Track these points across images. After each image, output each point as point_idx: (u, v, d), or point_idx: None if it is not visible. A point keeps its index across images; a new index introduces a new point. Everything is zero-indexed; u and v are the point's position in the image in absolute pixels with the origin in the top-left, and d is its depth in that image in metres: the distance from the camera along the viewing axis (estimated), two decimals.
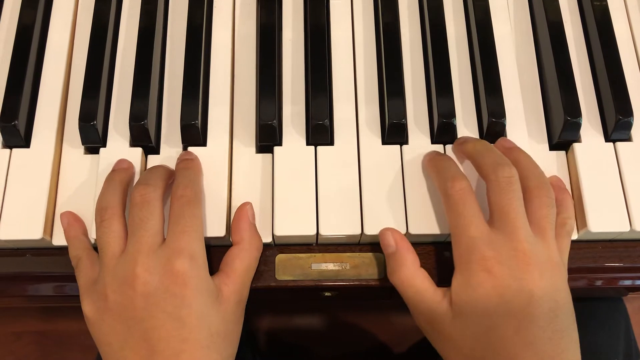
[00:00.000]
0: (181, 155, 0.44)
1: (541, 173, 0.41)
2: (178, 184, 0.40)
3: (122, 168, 0.43)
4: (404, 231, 0.42)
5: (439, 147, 0.45)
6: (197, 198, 0.40)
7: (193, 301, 0.37)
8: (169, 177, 0.42)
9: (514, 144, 0.44)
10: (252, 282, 0.43)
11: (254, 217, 0.43)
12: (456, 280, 0.38)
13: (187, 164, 0.42)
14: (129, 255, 0.38)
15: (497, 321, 0.37)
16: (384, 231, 0.42)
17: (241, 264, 0.40)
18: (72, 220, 0.42)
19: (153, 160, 0.45)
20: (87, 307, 0.38)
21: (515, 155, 0.42)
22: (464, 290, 0.38)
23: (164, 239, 0.39)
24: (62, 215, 0.43)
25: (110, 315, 0.37)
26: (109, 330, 0.38)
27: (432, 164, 0.43)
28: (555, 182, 0.44)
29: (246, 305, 0.42)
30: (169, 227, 0.39)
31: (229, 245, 0.42)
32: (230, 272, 0.40)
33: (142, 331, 0.37)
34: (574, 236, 0.44)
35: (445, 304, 0.39)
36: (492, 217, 0.39)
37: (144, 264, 0.37)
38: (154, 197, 0.39)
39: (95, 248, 0.41)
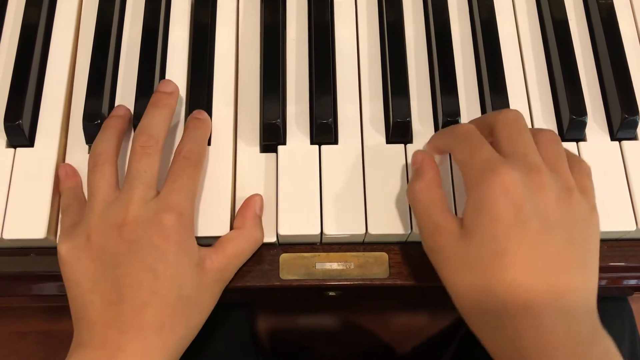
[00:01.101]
0: (194, 112, 0.44)
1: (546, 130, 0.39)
2: (184, 143, 0.41)
3: (118, 115, 0.43)
4: (407, 232, 0.42)
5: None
6: (199, 161, 0.41)
7: (172, 257, 0.37)
8: (171, 119, 0.43)
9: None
10: (256, 281, 0.43)
11: (262, 210, 0.43)
12: (469, 201, 0.36)
13: (198, 124, 0.43)
14: (121, 202, 0.38)
15: (510, 244, 0.34)
16: (416, 152, 0.42)
17: (233, 247, 0.40)
18: (71, 173, 0.43)
19: None
20: (65, 245, 0.38)
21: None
22: (476, 212, 0.35)
23: (157, 192, 0.39)
24: (60, 166, 0.43)
25: (87, 255, 0.38)
26: (83, 270, 0.38)
27: (434, 137, 0.42)
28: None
29: (250, 305, 0.42)
30: (166, 182, 0.39)
31: None
32: (220, 250, 0.40)
33: (116, 276, 0.37)
34: None
35: (453, 222, 0.36)
36: (502, 147, 0.37)
37: (134, 212, 0.38)
38: (155, 150, 0.40)
39: None
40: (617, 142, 0.45)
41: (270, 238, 0.43)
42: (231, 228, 0.42)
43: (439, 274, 0.38)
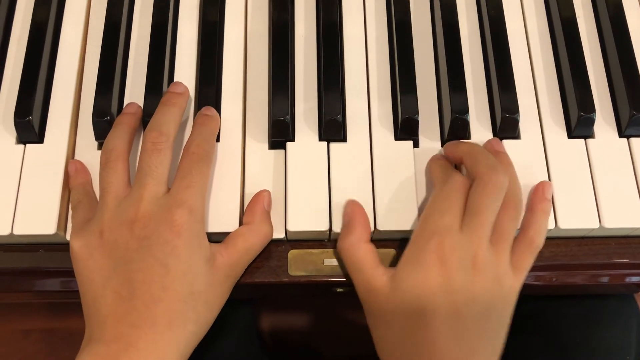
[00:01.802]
0: (202, 110, 0.44)
1: (518, 188, 0.41)
2: (193, 139, 0.41)
3: (130, 112, 0.44)
4: (413, 228, 0.42)
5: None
6: (208, 156, 0.41)
7: (183, 252, 0.37)
8: (182, 117, 0.43)
9: (502, 147, 0.44)
10: (264, 277, 0.43)
11: (270, 206, 0.43)
12: (405, 256, 0.39)
13: (205, 120, 0.43)
14: (133, 199, 0.38)
15: (433, 307, 0.37)
16: (347, 201, 0.42)
17: (243, 242, 0.41)
18: (80, 169, 0.43)
19: None
20: (78, 242, 0.39)
21: (503, 160, 0.42)
22: (410, 267, 0.38)
23: (168, 188, 0.40)
24: (70, 162, 0.43)
25: (100, 252, 0.38)
26: (95, 266, 0.38)
27: (437, 163, 0.43)
28: (539, 191, 0.43)
29: (255, 303, 0.42)
30: (176, 179, 0.40)
31: None
32: (230, 245, 0.40)
33: (128, 272, 0.37)
34: (590, 232, 0.43)
35: (384, 279, 0.39)
36: (466, 213, 0.39)
37: (145, 209, 0.38)
38: (166, 146, 0.40)
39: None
40: (625, 139, 0.45)
41: (278, 234, 0.43)
42: (241, 224, 0.42)
43: (370, 327, 0.41)
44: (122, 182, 0.40)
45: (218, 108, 0.46)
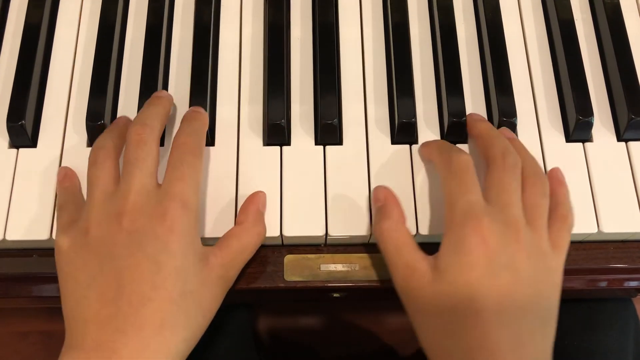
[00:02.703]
0: (190, 109, 0.43)
1: (537, 165, 0.41)
2: (182, 131, 0.40)
3: (120, 123, 0.43)
4: (413, 234, 0.42)
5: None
6: (199, 148, 0.39)
7: (176, 250, 0.35)
8: (166, 119, 0.42)
9: (514, 134, 0.44)
10: (260, 283, 0.42)
11: (265, 207, 0.42)
12: (445, 243, 0.37)
13: (195, 115, 0.42)
14: (121, 192, 0.37)
15: (479, 293, 0.35)
16: (377, 187, 0.42)
17: (237, 243, 0.39)
18: (70, 175, 0.42)
19: None
20: (63, 240, 0.37)
21: (516, 145, 0.42)
22: (453, 254, 0.36)
23: (159, 184, 0.38)
24: (60, 169, 0.43)
25: (87, 249, 0.36)
26: (81, 264, 0.36)
27: (431, 145, 0.43)
28: (554, 175, 0.43)
29: (251, 306, 0.42)
30: (166, 172, 0.38)
31: None
32: (224, 246, 0.39)
33: (115, 269, 0.35)
34: (588, 237, 0.43)
35: (425, 264, 0.37)
36: (488, 193, 0.38)
37: (135, 202, 0.36)
38: (151, 138, 0.38)
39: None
40: (623, 143, 0.45)
41: (273, 233, 0.42)
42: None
43: (408, 314, 0.39)
44: (110, 178, 0.38)
45: (213, 111, 0.45)
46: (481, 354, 0.35)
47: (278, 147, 0.44)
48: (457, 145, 0.44)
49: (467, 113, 0.44)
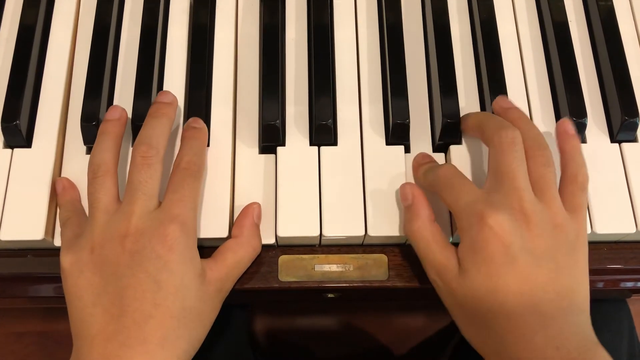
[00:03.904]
0: (190, 121, 0.43)
1: (537, 133, 0.40)
2: (184, 154, 0.41)
3: (114, 119, 0.42)
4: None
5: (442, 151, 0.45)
6: (199, 171, 0.41)
7: (175, 268, 0.37)
8: (170, 131, 0.42)
9: (511, 103, 0.43)
10: (254, 283, 0.42)
11: (260, 219, 0.42)
12: (463, 242, 0.38)
13: (195, 133, 0.42)
14: (123, 214, 0.38)
15: (503, 282, 0.36)
16: (404, 185, 0.42)
17: (233, 257, 0.40)
18: (68, 186, 0.43)
19: None
20: (67, 258, 0.38)
21: (513, 115, 0.42)
22: (471, 250, 0.37)
23: (159, 203, 0.39)
24: (57, 180, 0.43)
25: (90, 268, 0.37)
26: (85, 284, 0.37)
27: (416, 172, 0.44)
28: (562, 128, 0.42)
29: (247, 306, 0.42)
30: (167, 193, 0.39)
31: None
32: (220, 260, 0.40)
33: (119, 288, 0.36)
34: None
35: (453, 260, 0.38)
36: (491, 179, 0.39)
37: (137, 224, 0.37)
38: (156, 160, 0.39)
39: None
40: (617, 144, 0.45)
41: (269, 239, 0.42)
42: (230, 230, 0.42)
43: (446, 307, 0.40)
44: (111, 197, 0.39)
45: (208, 112, 0.45)
46: (511, 338, 0.36)
47: (273, 147, 0.44)
48: (452, 146, 0.45)
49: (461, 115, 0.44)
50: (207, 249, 0.43)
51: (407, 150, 0.45)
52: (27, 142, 0.44)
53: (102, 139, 0.41)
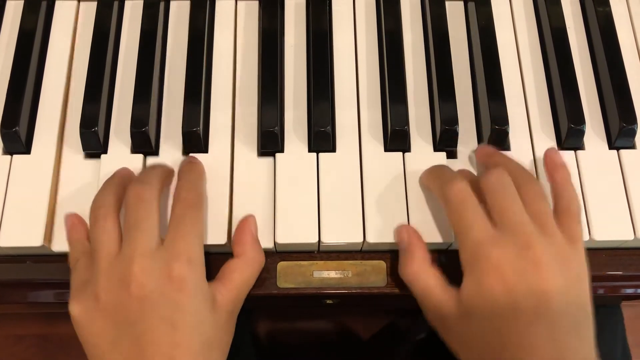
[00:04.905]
0: (185, 159, 0.44)
1: (524, 170, 0.41)
2: (181, 186, 0.40)
3: (121, 174, 0.42)
4: None
5: (441, 154, 0.45)
6: (199, 202, 0.40)
7: (188, 307, 0.36)
8: (167, 177, 0.42)
9: (493, 149, 0.44)
10: (253, 290, 0.42)
11: (257, 231, 0.42)
12: (466, 284, 0.38)
13: (191, 166, 0.42)
14: (125, 256, 0.37)
15: (507, 322, 0.36)
16: (399, 227, 0.42)
17: (240, 277, 0.40)
18: (76, 223, 0.42)
19: (151, 161, 0.44)
20: (76, 307, 0.37)
21: (497, 159, 0.42)
22: (475, 294, 0.37)
23: (161, 240, 0.38)
24: (66, 217, 0.42)
25: (101, 316, 0.36)
26: (99, 331, 0.37)
27: (428, 173, 0.43)
28: (550, 158, 0.42)
29: (249, 309, 0.42)
30: (169, 230, 0.38)
31: (229, 253, 0.41)
32: (228, 282, 0.40)
33: (133, 335, 0.36)
34: None
35: (452, 304, 0.38)
36: (493, 218, 0.38)
37: (140, 265, 0.36)
38: (150, 196, 0.38)
39: None
40: (615, 151, 0.45)
41: (267, 244, 0.42)
42: (229, 235, 0.42)
43: (445, 341, 0.40)
44: (113, 241, 0.38)
45: (207, 117, 0.45)
46: None
47: (272, 153, 0.44)
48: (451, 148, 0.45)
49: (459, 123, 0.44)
50: (212, 255, 0.43)
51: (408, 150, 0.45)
52: (26, 149, 0.44)
53: (106, 185, 0.41)
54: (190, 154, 0.44)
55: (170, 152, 0.45)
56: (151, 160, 0.44)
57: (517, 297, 0.36)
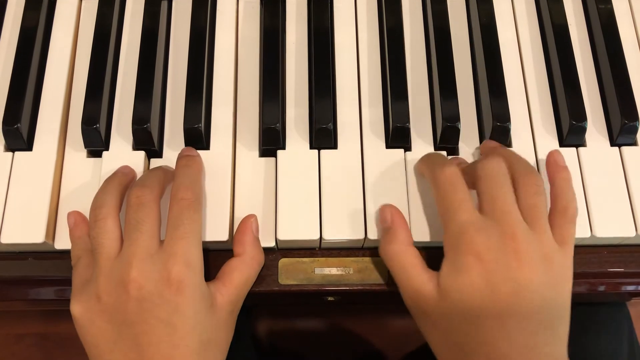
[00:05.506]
0: (182, 150, 0.43)
1: (526, 163, 0.40)
2: (178, 185, 0.39)
3: (122, 172, 0.42)
4: None
5: (442, 152, 0.45)
6: (197, 201, 0.39)
7: (187, 308, 0.36)
8: (168, 179, 0.42)
9: (496, 143, 0.44)
10: (254, 287, 0.42)
11: (258, 230, 0.42)
12: (445, 265, 0.38)
13: (188, 161, 0.42)
14: (125, 258, 0.37)
15: (482, 309, 0.36)
16: (383, 206, 0.42)
17: (239, 276, 0.40)
18: (79, 221, 0.42)
19: (155, 163, 0.44)
20: (77, 307, 0.38)
21: (500, 152, 0.42)
22: (452, 275, 0.37)
23: (161, 242, 0.38)
24: (69, 214, 0.42)
25: (100, 317, 0.37)
26: (98, 332, 0.37)
27: (423, 158, 0.43)
28: (552, 160, 0.42)
29: (249, 308, 0.42)
30: (167, 231, 0.38)
31: (230, 250, 0.41)
32: (228, 282, 0.40)
33: (133, 335, 0.36)
34: (581, 241, 0.43)
35: (431, 286, 0.38)
36: (482, 205, 0.38)
37: (139, 267, 0.36)
38: (150, 199, 0.38)
39: None
40: (616, 148, 0.45)
41: (269, 243, 0.42)
42: (230, 232, 0.42)
43: (419, 327, 0.40)
44: (113, 242, 0.38)
45: (209, 115, 0.45)
46: None
47: (273, 150, 0.44)
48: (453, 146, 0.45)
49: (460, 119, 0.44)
50: (212, 252, 0.43)
51: (408, 150, 0.45)
52: (28, 146, 0.44)
53: (106, 185, 0.41)
54: (187, 146, 0.44)
55: (172, 149, 0.45)
56: (155, 162, 0.44)
57: (494, 286, 0.36)
